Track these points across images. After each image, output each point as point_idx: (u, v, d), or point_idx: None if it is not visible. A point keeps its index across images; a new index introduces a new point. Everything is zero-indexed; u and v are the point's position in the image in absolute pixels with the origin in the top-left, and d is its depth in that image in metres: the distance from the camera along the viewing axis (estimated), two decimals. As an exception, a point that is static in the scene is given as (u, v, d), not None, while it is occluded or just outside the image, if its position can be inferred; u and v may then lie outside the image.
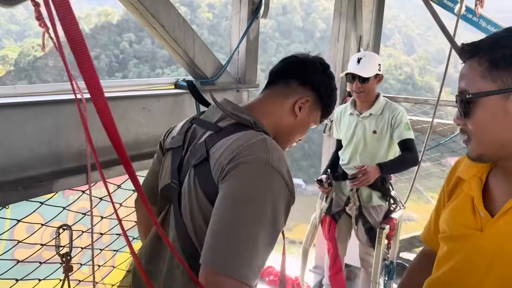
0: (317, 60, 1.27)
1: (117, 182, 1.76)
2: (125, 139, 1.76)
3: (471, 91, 0.95)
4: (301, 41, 56.94)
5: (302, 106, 1.21)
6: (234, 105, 1.18)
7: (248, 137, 1.03)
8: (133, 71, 47.94)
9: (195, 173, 1.07)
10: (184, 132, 1.20)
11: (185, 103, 2.01)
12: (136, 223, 1.50)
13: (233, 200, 0.93)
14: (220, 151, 1.02)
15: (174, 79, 2.10)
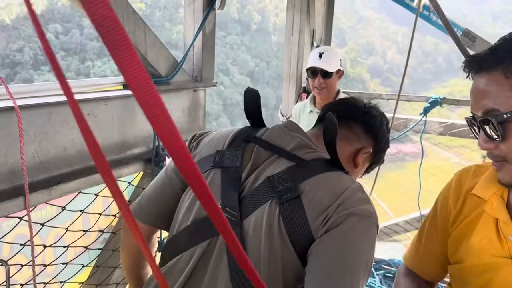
0: (379, 109, 1.17)
1: (61, 203, 1.49)
2: (68, 151, 1.49)
3: (504, 109, 0.81)
4: (237, 33, 56.70)
5: (364, 157, 1.11)
6: (303, 133, 1.04)
7: (347, 182, 0.91)
8: (61, 64, 45.06)
9: (281, 211, 0.88)
10: (240, 149, 1.00)
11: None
12: (121, 253, 1.18)
13: (342, 258, 0.83)
14: (318, 192, 0.88)
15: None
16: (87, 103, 1.55)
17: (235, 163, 0.98)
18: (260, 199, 0.91)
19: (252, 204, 0.91)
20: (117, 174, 1.61)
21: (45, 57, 20.29)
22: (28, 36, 46.67)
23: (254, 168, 0.97)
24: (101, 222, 1.77)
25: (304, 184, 0.89)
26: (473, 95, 0.87)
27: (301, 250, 0.86)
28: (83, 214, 1.59)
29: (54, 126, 1.45)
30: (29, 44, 45.71)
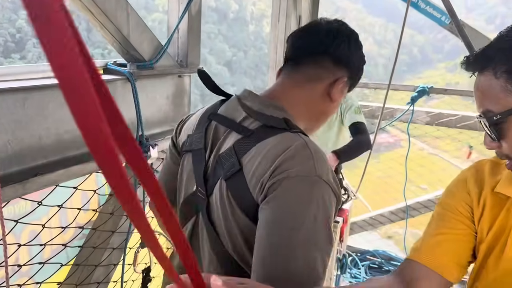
0: (345, 28, 1.07)
1: (37, 198, 1.36)
2: (43, 141, 1.36)
3: (497, 110, 0.79)
4: (214, 21, 56.04)
5: (339, 88, 1.06)
6: (260, 98, 1.03)
7: (287, 142, 0.89)
8: (33, 52, 43.81)
9: (228, 186, 0.95)
10: (204, 131, 1.06)
11: (118, 91, 1.63)
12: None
13: (283, 226, 0.81)
14: (255, 162, 0.90)
15: (102, 62, 1.71)
16: (65, 88, 1.42)
17: (200, 144, 1.05)
18: (215, 176, 0.99)
19: (212, 182, 0.99)
20: (96, 166, 1.48)
21: (15, 44, 19.41)
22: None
23: (214, 146, 1.02)
24: (80, 217, 1.64)
25: (246, 156, 0.93)
26: (475, 93, 0.86)
27: (254, 216, 0.90)
28: (61, 209, 1.46)
29: (29, 114, 1.31)
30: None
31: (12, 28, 45.58)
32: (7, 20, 46.09)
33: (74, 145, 1.46)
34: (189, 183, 1.09)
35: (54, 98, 1.38)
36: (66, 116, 1.43)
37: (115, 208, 1.71)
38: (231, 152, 0.96)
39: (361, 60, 1.11)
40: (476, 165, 1.01)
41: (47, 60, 0.26)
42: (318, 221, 0.82)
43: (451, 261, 0.97)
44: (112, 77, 1.62)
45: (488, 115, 0.81)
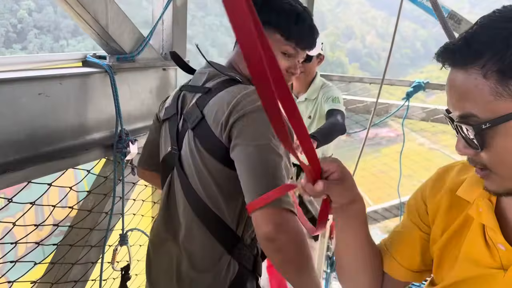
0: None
1: (12, 193, 1.31)
2: (15, 136, 1.30)
3: (483, 115, 0.67)
4: (217, 13, 55.72)
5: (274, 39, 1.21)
6: (221, 65, 1.26)
7: (240, 89, 1.11)
8: (34, 42, 43.73)
9: (195, 135, 1.16)
10: (176, 101, 1.29)
11: (97, 84, 1.58)
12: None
13: (258, 156, 1.02)
14: (214, 109, 1.11)
15: (82, 54, 1.65)
16: (38, 82, 1.36)
17: (173, 111, 1.28)
18: (184, 131, 1.21)
19: (182, 138, 1.22)
20: (73, 162, 1.44)
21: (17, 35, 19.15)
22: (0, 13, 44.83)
23: (183, 110, 1.25)
24: (58, 214, 1.60)
25: (207, 107, 1.14)
26: (449, 89, 0.73)
27: (221, 157, 1.11)
28: (38, 205, 1.42)
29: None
30: (0, 21, 43.94)
31: (13, 18, 45.39)
32: (8, 10, 45.89)
33: (49, 141, 1.41)
34: (166, 144, 1.30)
35: (27, 92, 1.32)
36: (41, 111, 1.38)
37: (94, 205, 1.67)
38: (194, 107, 1.17)
39: (281, 9, 1.20)
40: (446, 166, 0.96)
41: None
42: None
43: (401, 260, 0.96)
44: (90, 69, 1.56)
45: (472, 120, 0.69)
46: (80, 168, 1.51)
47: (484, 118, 0.67)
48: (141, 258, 2.05)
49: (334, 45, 64.13)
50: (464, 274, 0.81)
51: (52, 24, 46.13)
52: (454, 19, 2.98)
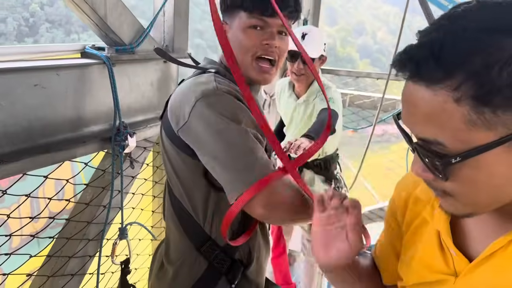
0: None
1: (6, 185, 1.30)
2: (11, 128, 1.29)
3: (451, 145, 0.57)
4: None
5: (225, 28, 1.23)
6: (210, 60, 1.31)
7: (194, 78, 1.17)
8: (46, 36, 44.03)
9: (162, 125, 1.24)
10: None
11: (94, 76, 1.55)
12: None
13: (223, 144, 1.04)
14: (172, 99, 1.17)
15: (80, 46, 1.63)
16: (34, 72, 1.34)
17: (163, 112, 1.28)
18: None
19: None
20: (69, 154, 1.42)
21: (29, 29, 19.36)
22: (12, 6, 45.17)
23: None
24: (55, 206, 1.59)
25: (171, 99, 1.19)
26: (407, 105, 0.61)
27: (181, 146, 1.14)
28: (32, 197, 1.40)
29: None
30: (13, 15, 44.28)
31: (25, 12, 45.75)
32: (20, 4, 46.24)
33: (45, 133, 1.39)
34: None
35: (23, 83, 1.31)
36: (37, 102, 1.36)
37: (92, 198, 1.65)
38: (168, 99, 1.22)
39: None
40: (401, 180, 0.94)
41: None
42: (235, 121, 1.06)
43: (392, 272, 0.94)
44: (88, 61, 1.54)
45: (437, 147, 0.58)
46: (77, 161, 1.49)
47: (452, 149, 0.57)
48: (141, 252, 2.03)
49: (344, 40, 63.64)
50: (419, 279, 0.79)
51: (63, 18, 46.33)
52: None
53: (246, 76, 1.20)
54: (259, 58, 1.19)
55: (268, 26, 1.18)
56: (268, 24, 1.18)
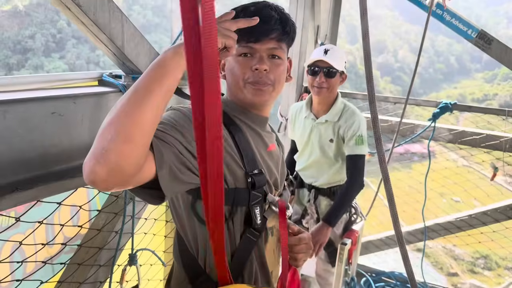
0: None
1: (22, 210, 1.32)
2: (27, 155, 1.32)
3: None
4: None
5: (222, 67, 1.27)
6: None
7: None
8: (72, 52, 45.25)
9: None
10: None
11: (111, 104, 1.58)
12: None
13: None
14: None
15: (98, 73, 1.67)
16: (52, 101, 1.37)
17: None
18: None
19: None
20: (83, 181, 1.42)
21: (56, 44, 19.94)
22: (41, 22, 46.68)
23: None
24: (69, 231, 1.61)
25: None
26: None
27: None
28: (46, 222, 1.42)
29: (11, 127, 1.28)
30: (41, 31, 45.72)
31: (53, 28, 47.19)
32: (49, 20, 47.74)
33: (60, 159, 1.42)
34: None
35: (41, 111, 1.34)
36: (53, 130, 1.39)
37: (105, 224, 1.66)
38: None
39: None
40: None
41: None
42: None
43: None
44: (105, 89, 1.57)
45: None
46: (90, 187, 1.51)
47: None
48: (152, 277, 2.03)
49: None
50: None
51: (89, 35, 47.40)
52: (484, 39, 2.88)
53: (243, 100, 1.20)
54: (250, 83, 1.18)
55: (256, 52, 1.18)
56: (255, 49, 1.18)
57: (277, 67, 1.19)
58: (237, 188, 1.12)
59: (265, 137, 1.28)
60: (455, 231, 3.49)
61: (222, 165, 0.75)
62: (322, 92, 2.32)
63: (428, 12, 2.37)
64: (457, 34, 2.97)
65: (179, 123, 1.02)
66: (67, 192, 1.46)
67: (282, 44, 1.20)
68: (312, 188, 2.50)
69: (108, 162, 0.79)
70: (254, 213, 1.14)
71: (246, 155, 1.14)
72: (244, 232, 1.16)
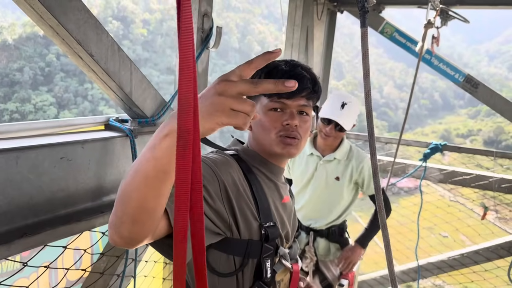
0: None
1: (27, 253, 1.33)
2: (35, 200, 1.34)
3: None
4: (237, 62, 57.29)
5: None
6: (236, 142, 1.34)
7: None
8: (60, 85, 45.36)
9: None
10: None
11: (117, 148, 1.62)
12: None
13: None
14: None
15: (104, 118, 1.71)
16: (61, 146, 1.41)
17: None
18: None
19: None
20: (88, 225, 1.45)
21: (44, 78, 19.94)
22: (29, 56, 46.88)
23: None
24: (71, 275, 1.60)
25: None
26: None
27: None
28: (51, 266, 1.42)
29: (21, 172, 1.30)
30: (30, 64, 45.87)
31: (42, 62, 47.40)
32: (38, 54, 47.98)
33: (67, 203, 1.44)
34: None
35: (50, 156, 1.37)
36: (62, 174, 1.41)
37: (106, 267, 1.66)
38: None
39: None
40: None
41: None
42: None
43: None
44: (112, 134, 1.61)
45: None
46: (95, 231, 1.52)
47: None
48: (151, 320, 2.01)
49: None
50: None
51: (78, 68, 47.47)
52: (470, 83, 3.01)
53: (271, 151, 1.23)
54: (281, 137, 1.22)
55: (287, 107, 1.22)
56: (287, 105, 1.22)
57: (305, 123, 1.25)
58: (250, 240, 1.13)
59: (281, 188, 1.30)
60: (447, 269, 3.52)
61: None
62: (329, 140, 2.39)
63: (418, 58, 2.48)
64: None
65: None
66: (69, 237, 1.47)
67: (310, 102, 1.26)
68: (310, 231, 2.52)
69: (122, 235, 0.80)
70: (265, 266, 1.14)
71: (262, 206, 1.16)
72: (253, 285, 1.15)
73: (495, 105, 2.99)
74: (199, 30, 1.86)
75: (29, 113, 39.98)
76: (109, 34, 1.48)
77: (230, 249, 1.13)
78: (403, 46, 3.12)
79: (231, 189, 1.09)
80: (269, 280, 1.15)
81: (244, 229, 1.12)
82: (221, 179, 1.07)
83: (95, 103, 42.60)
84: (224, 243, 1.11)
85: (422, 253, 4.19)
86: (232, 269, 1.13)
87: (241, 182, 1.14)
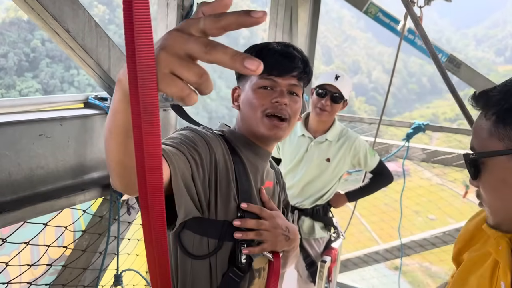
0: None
1: (6, 232, 1.33)
2: (14, 177, 1.33)
3: (478, 149, 0.81)
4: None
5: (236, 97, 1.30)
6: (223, 125, 1.34)
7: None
8: (45, 71, 44.68)
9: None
10: None
11: (97, 126, 1.61)
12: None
13: None
14: None
15: (84, 96, 1.70)
16: (39, 123, 1.40)
17: None
18: None
19: None
20: (69, 202, 1.46)
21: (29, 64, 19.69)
22: (14, 42, 45.98)
23: None
24: (53, 252, 1.61)
25: None
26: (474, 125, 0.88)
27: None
28: (31, 243, 1.43)
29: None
30: (14, 50, 45.01)
31: (27, 47, 46.57)
32: (22, 40, 47.10)
33: (46, 181, 1.43)
34: None
35: (27, 133, 1.36)
36: (40, 151, 1.41)
37: (89, 244, 1.67)
38: None
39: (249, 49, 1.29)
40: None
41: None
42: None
43: None
44: (91, 111, 1.61)
45: (470, 152, 0.83)
46: (77, 208, 1.53)
47: (476, 152, 0.81)
48: (135, 298, 2.03)
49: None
50: None
51: (63, 54, 46.95)
52: (453, 63, 3.04)
53: (257, 133, 1.21)
54: (269, 116, 1.19)
55: (277, 86, 1.20)
56: (277, 83, 1.20)
57: (294, 104, 1.22)
58: (226, 221, 1.11)
59: (264, 174, 1.28)
60: (430, 247, 3.60)
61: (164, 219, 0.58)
62: (324, 115, 2.38)
63: (400, 37, 2.50)
64: (428, 56, 3.13)
65: (195, 140, 1.06)
66: (52, 213, 1.48)
67: (301, 82, 1.24)
68: (295, 209, 2.54)
69: (115, 183, 0.84)
70: (239, 251, 1.11)
71: (242, 188, 1.14)
72: (227, 271, 1.12)
73: (477, 86, 3.03)
74: (178, 7, 1.85)
75: (14, 100, 39.38)
76: (86, 10, 1.47)
77: (204, 230, 1.11)
78: (387, 26, 3.13)
79: (219, 163, 1.09)
80: (244, 266, 1.12)
81: (221, 208, 1.10)
82: (213, 150, 1.08)
83: (81, 89, 42.03)
84: (198, 223, 1.09)
85: (407, 233, 4.28)
86: (206, 252, 1.11)
87: (226, 160, 1.13)
